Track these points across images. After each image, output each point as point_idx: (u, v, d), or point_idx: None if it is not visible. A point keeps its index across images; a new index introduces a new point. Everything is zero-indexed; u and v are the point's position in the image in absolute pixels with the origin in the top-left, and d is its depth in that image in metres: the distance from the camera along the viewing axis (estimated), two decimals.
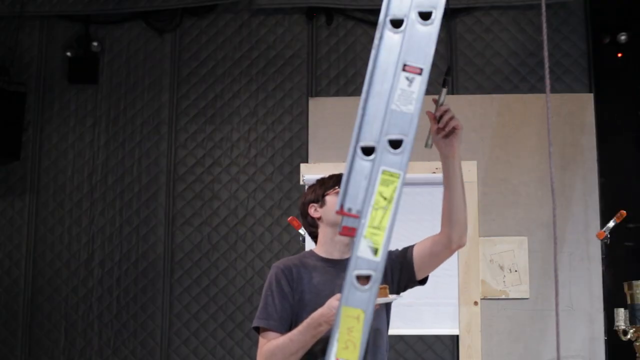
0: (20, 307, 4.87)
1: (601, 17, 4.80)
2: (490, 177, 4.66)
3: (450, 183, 2.30)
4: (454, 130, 2.21)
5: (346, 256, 2.50)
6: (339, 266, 2.47)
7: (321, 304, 2.28)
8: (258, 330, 2.44)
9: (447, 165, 2.28)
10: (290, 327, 2.37)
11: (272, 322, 2.39)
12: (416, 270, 2.44)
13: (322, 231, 2.54)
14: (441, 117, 2.21)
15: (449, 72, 2.13)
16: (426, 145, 2.24)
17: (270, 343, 2.36)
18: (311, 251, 2.58)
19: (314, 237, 2.61)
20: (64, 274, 4.87)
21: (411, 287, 2.49)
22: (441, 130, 2.22)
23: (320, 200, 2.54)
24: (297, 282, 2.43)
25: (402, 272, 2.44)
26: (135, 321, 4.79)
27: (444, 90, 2.18)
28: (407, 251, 2.46)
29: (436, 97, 2.20)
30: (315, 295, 2.39)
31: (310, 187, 2.62)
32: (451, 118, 2.20)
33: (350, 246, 2.52)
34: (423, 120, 2.36)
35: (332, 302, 2.23)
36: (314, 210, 2.54)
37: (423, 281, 2.50)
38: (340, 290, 2.33)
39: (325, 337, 2.29)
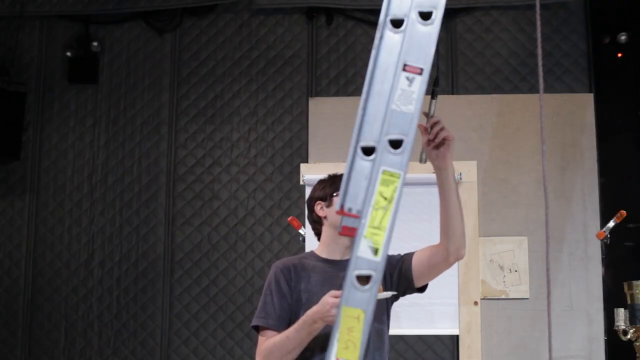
0: (20, 307, 4.87)
1: (601, 17, 4.80)
2: (490, 177, 4.66)
3: (445, 195, 2.29)
4: (444, 141, 2.20)
5: (346, 257, 2.50)
6: (338, 266, 2.48)
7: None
8: (257, 329, 2.45)
9: (440, 177, 2.27)
10: (288, 326, 2.38)
11: (271, 321, 2.41)
12: (415, 278, 2.44)
13: (326, 231, 2.55)
14: (431, 128, 2.19)
15: (437, 83, 2.13)
16: (421, 161, 2.23)
17: (268, 341, 2.37)
18: (312, 252, 2.59)
19: (317, 234, 2.61)
20: (64, 274, 4.87)
21: (410, 293, 2.49)
22: (431, 141, 2.20)
23: (327, 199, 2.53)
24: (295, 282, 2.44)
25: (400, 279, 2.45)
26: (135, 321, 4.79)
27: (434, 102, 2.16)
28: (407, 258, 2.46)
29: (427, 107, 2.19)
30: (313, 294, 2.39)
31: (321, 182, 2.61)
32: (441, 129, 2.19)
33: (351, 248, 2.52)
34: (423, 120, 2.35)
35: (326, 298, 2.23)
36: (320, 208, 2.54)
37: (422, 289, 2.50)
38: (338, 289, 2.34)
39: (322, 334, 2.30)
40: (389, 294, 2.36)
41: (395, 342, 4.59)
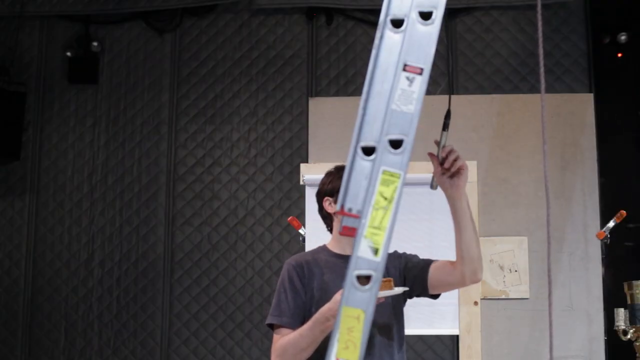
0: (20, 307, 4.87)
1: (601, 17, 4.80)
2: (490, 177, 4.66)
3: (460, 223, 2.28)
4: (459, 170, 2.19)
5: None
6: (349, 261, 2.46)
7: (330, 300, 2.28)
8: (272, 327, 2.44)
9: (454, 206, 2.26)
10: (303, 323, 2.37)
11: (285, 318, 2.40)
12: (429, 287, 2.44)
13: (335, 227, 2.53)
14: (445, 158, 2.18)
15: (448, 116, 2.12)
16: (432, 187, 2.23)
17: (282, 339, 2.37)
18: (324, 246, 2.57)
19: (329, 229, 2.58)
20: (64, 274, 4.87)
21: (423, 296, 2.49)
22: (446, 171, 2.19)
23: (335, 195, 2.49)
24: (308, 279, 2.43)
25: (415, 283, 2.44)
26: (135, 321, 4.79)
27: (445, 133, 2.15)
28: (425, 266, 2.44)
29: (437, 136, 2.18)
30: (325, 291, 2.39)
31: (329, 175, 2.57)
32: (456, 159, 2.17)
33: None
34: (422, 121, 2.35)
35: (338, 296, 2.22)
36: (328, 204, 2.51)
37: (436, 295, 2.51)
38: None
39: None
40: (401, 289, 2.34)
41: None
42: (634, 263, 4.51)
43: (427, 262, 2.45)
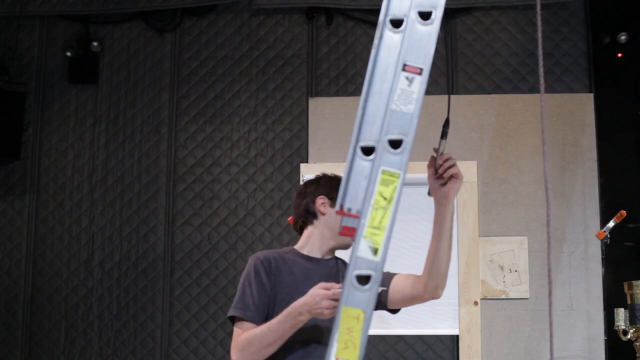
0: (20, 307, 4.87)
1: (601, 17, 4.80)
2: (490, 177, 4.66)
3: (439, 231, 2.24)
4: (452, 178, 2.17)
5: (327, 257, 2.50)
6: (317, 264, 2.46)
7: (297, 299, 2.24)
8: (232, 320, 2.40)
9: (439, 212, 2.23)
10: (266, 320, 2.34)
11: (249, 312, 2.35)
12: (389, 301, 2.40)
13: (316, 228, 2.51)
14: (441, 164, 2.16)
15: (447, 124, 2.12)
16: (429, 194, 2.24)
17: (247, 332, 2.31)
18: (292, 248, 2.55)
19: (302, 224, 2.55)
20: (64, 274, 4.87)
21: (379, 309, 2.42)
22: (440, 177, 2.18)
23: (334, 199, 2.45)
24: (275, 275, 2.40)
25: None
26: (135, 321, 4.79)
27: (443, 141, 2.16)
28: (388, 278, 2.41)
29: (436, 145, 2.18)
30: (293, 290, 2.35)
31: (331, 180, 2.54)
32: (452, 166, 2.16)
33: (334, 251, 2.52)
34: (423, 120, 2.36)
35: (316, 290, 2.19)
36: (321, 204, 2.49)
37: (394, 311, 2.46)
38: (319, 281, 2.27)
39: (304, 328, 2.26)
40: (380, 288, 2.33)
41: (395, 342, 4.59)
42: (634, 263, 4.51)
43: (392, 275, 2.42)
